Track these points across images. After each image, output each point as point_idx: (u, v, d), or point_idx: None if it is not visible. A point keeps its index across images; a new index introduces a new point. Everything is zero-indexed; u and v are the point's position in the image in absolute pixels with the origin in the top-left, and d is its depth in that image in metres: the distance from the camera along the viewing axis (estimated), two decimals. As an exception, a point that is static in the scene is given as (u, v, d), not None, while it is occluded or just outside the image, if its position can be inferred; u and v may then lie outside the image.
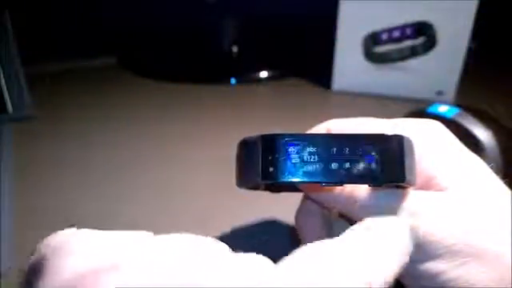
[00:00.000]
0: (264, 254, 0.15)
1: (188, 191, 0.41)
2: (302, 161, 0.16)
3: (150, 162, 0.46)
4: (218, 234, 0.34)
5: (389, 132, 0.17)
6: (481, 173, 0.19)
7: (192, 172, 0.44)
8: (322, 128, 0.22)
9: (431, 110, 0.38)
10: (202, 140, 0.50)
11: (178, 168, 0.45)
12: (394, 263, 0.16)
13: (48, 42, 0.70)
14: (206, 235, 0.15)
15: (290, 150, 0.16)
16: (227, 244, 0.15)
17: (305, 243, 0.22)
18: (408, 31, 0.55)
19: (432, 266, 0.18)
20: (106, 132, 0.51)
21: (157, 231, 0.15)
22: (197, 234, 0.15)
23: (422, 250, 0.18)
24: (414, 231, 0.18)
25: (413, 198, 0.18)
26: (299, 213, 0.24)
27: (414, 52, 0.56)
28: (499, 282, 0.17)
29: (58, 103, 0.58)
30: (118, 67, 0.70)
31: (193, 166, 0.45)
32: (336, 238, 0.16)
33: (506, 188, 0.19)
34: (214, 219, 0.37)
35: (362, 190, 0.19)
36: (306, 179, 0.16)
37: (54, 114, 0.55)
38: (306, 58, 0.70)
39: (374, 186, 0.18)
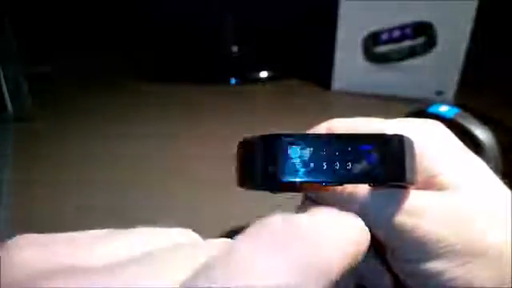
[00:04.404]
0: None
1: (188, 190, 0.41)
2: (303, 161, 0.16)
3: (150, 161, 0.46)
4: (218, 233, 0.34)
5: (389, 132, 0.17)
6: (481, 173, 0.19)
7: (192, 171, 0.44)
8: (322, 128, 0.22)
9: (432, 109, 0.38)
10: (202, 140, 0.50)
11: (178, 167, 0.45)
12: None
13: (48, 41, 0.70)
14: (206, 235, 0.15)
15: (290, 149, 0.16)
16: None
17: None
18: (408, 31, 0.55)
19: (433, 265, 0.18)
20: (106, 132, 0.51)
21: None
22: (196, 233, 0.15)
23: (422, 250, 0.18)
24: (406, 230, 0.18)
25: (413, 198, 0.18)
26: (299, 213, 0.24)
27: (413, 52, 0.56)
28: (500, 281, 0.17)
29: (58, 103, 0.58)
30: (118, 67, 0.69)
31: (193, 166, 0.45)
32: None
33: (506, 188, 0.19)
34: (215, 218, 0.37)
35: (362, 190, 0.19)
36: (306, 179, 0.16)
37: (53, 113, 0.55)
38: (306, 57, 0.70)
39: (374, 185, 0.18)
